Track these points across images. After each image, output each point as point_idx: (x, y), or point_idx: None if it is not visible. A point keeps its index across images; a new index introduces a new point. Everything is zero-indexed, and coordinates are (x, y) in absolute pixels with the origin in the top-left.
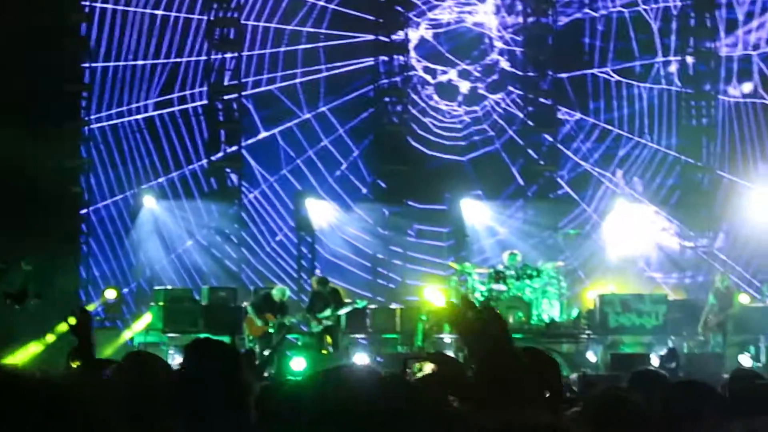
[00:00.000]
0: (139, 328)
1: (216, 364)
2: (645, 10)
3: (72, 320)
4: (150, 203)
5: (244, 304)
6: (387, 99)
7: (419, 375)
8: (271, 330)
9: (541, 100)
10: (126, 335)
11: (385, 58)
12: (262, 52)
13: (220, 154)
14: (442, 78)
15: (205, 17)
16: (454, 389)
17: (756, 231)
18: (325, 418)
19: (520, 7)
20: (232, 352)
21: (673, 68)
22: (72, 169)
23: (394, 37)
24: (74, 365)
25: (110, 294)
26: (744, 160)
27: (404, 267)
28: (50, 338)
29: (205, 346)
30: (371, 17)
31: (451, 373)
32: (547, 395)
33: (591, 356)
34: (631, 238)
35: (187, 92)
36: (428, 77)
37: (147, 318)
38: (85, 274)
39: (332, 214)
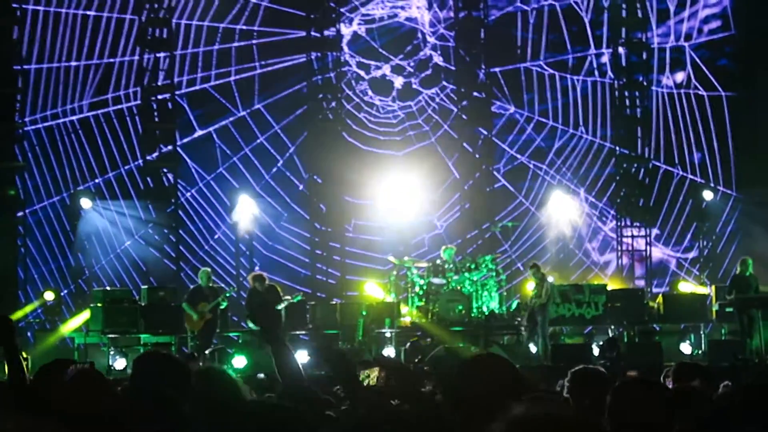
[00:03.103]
0: (74, 326)
1: (165, 377)
2: (576, 2)
3: None
4: (87, 204)
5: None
6: (321, 95)
7: (366, 381)
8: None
9: (475, 94)
10: (63, 330)
11: (318, 54)
12: (196, 50)
13: (155, 154)
14: (376, 73)
15: (137, 17)
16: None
17: (695, 221)
18: None
19: (451, 2)
20: (179, 364)
21: (605, 59)
22: (7, 171)
23: (326, 33)
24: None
25: (49, 296)
26: (679, 149)
27: (343, 262)
28: None
29: (152, 360)
30: (303, 13)
31: (402, 382)
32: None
33: (532, 347)
34: (568, 228)
35: (122, 92)
36: (362, 72)
37: (84, 315)
38: (23, 276)
39: (269, 211)
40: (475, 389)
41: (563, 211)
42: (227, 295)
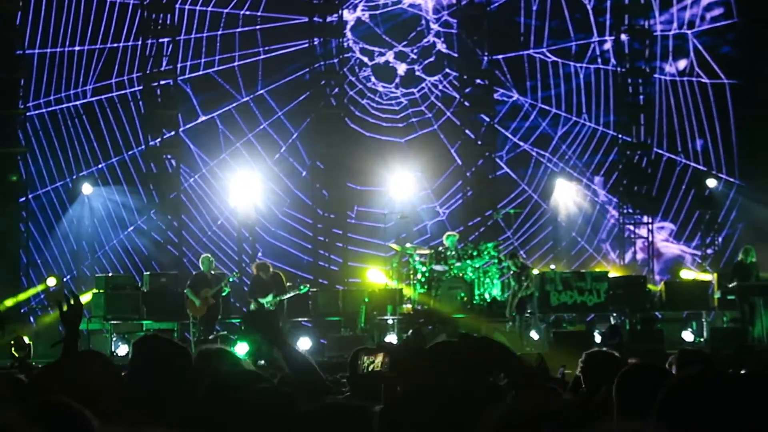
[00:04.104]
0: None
1: (165, 360)
2: None
3: (64, 307)
4: (90, 189)
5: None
6: (324, 81)
7: (371, 367)
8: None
9: (478, 81)
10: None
11: (321, 40)
12: (200, 35)
13: (158, 139)
14: (379, 60)
15: (141, 2)
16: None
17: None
18: None
19: None
20: (179, 347)
21: (608, 46)
22: (11, 157)
23: (329, 18)
24: (17, 354)
25: (51, 281)
26: (682, 137)
27: (345, 249)
28: None
29: (152, 342)
30: None
31: (406, 367)
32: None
33: (534, 335)
34: (570, 216)
35: (125, 77)
36: (365, 59)
37: (86, 297)
38: (26, 261)
39: (272, 197)
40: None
41: (565, 198)
42: (230, 280)
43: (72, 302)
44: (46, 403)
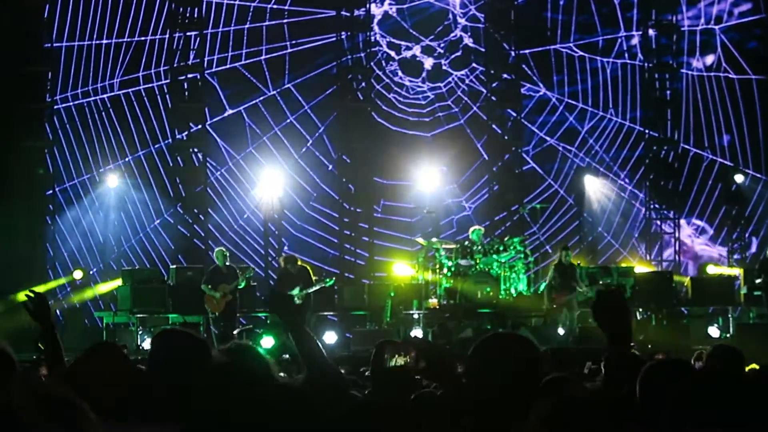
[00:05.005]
0: (106, 289)
1: (184, 353)
2: None
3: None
4: (116, 182)
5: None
6: (351, 75)
7: (396, 363)
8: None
9: (505, 75)
10: (97, 290)
11: (348, 34)
12: (227, 29)
13: (185, 133)
14: (406, 54)
15: None
16: (438, 379)
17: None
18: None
19: None
20: (199, 341)
21: (635, 41)
22: (38, 149)
23: (357, 12)
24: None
25: (78, 275)
26: (709, 132)
27: (371, 243)
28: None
29: (172, 336)
30: None
31: (434, 362)
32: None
33: (560, 330)
34: (596, 211)
35: (152, 71)
36: (392, 53)
37: (113, 283)
38: (52, 254)
39: (298, 191)
40: (489, 369)
41: (592, 193)
42: (247, 276)
43: (35, 299)
44: (46, 396)
